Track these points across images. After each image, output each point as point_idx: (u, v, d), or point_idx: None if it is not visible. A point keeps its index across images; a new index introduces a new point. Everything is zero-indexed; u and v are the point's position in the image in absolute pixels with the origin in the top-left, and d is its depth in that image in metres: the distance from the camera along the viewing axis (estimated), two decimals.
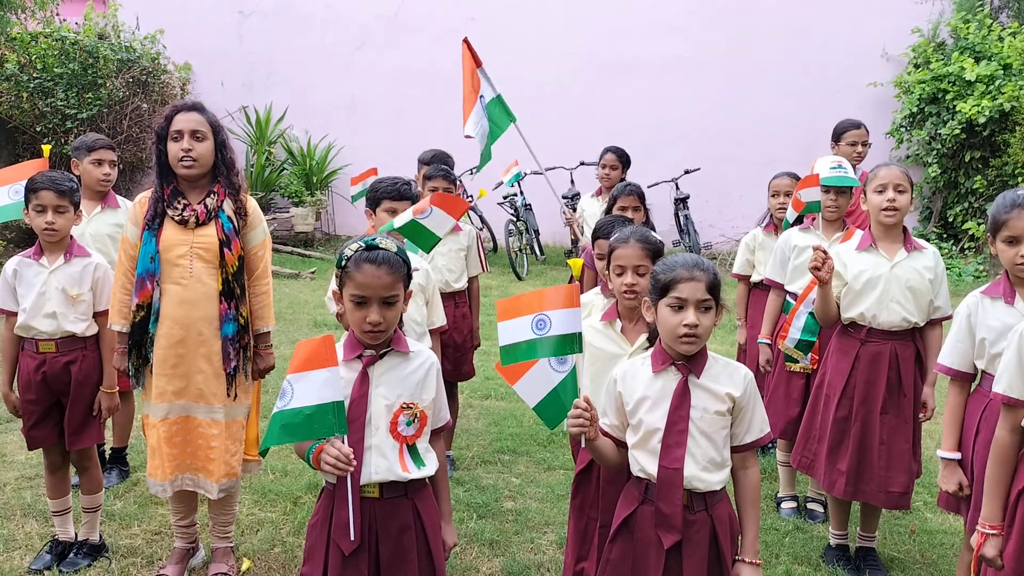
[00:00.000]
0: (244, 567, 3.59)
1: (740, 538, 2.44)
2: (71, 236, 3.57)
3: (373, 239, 2.41)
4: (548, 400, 2.60)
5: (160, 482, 3.33)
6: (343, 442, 2.30)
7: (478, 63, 5.05)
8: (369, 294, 2.33)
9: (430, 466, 2.45)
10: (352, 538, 2.33)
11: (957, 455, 2.90)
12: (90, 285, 3.54)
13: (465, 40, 5.11)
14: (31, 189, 3.45)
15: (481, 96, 5.00)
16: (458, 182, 4.62)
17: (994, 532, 2.48)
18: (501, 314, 2.53)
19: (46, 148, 3.94)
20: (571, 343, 2.45)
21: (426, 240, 3.44)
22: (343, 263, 2.39)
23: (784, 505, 4.30)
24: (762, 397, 2.57)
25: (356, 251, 2.38)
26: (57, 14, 10.62)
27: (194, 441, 3.33)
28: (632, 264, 2.78)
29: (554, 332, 2.44)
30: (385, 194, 3.65)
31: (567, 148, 10.45)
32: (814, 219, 4.24)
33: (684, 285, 2.31)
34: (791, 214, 4.21)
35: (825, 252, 3.37)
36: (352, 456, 2.27)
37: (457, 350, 4.59)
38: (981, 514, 2.54)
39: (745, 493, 2.43)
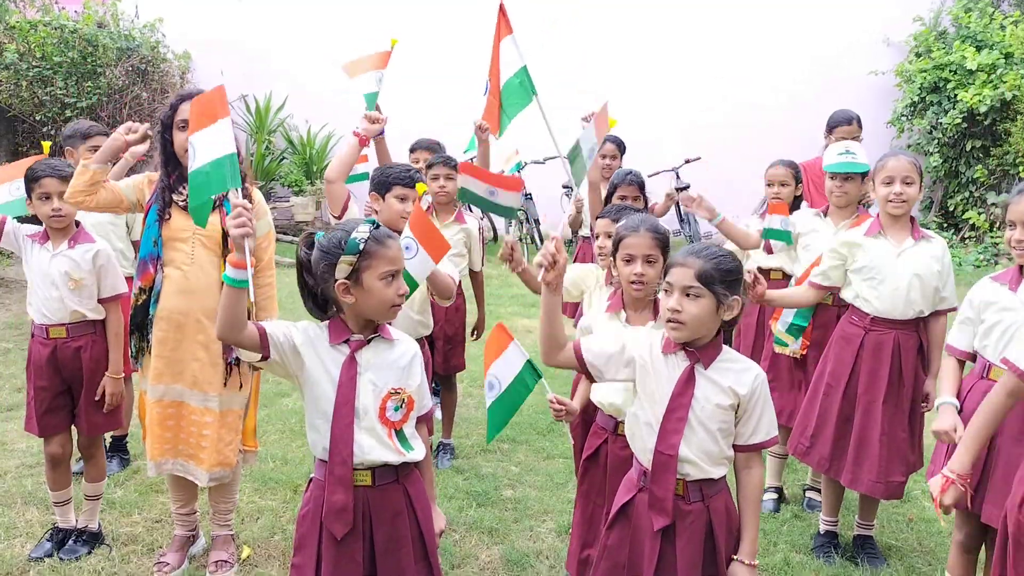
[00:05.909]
0: (244, 555, 3.60)
1: (740, 537, 2.41)
2: (78, 222, 3.58)
3: (372, 220, 2.40)
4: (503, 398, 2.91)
5: (150, 461, 3.37)
6: (237, 196, 2.42)
7: (509, 30, 4.76)
8: (399, 267, 2.39)
9: (418, 450, 2.46)
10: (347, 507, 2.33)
11: (956, 402, 2.95)
12: (92, 270, 3.55)
13: (501, 7, 4.83)
14: (32, 179, 3.46)
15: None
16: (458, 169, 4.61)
17: (960, 481, 2.45)
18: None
19: (46, 145, 3.90)
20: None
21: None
22: (360, 248, 2.30)
23: (765, 496, 4.15)
24: None
25: (369, 233, 2.32)
26: (56, 2, 10.57)
27: (186, 428, 3.33)
28: (642, 253, 2.76)
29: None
30: (398, 180, 3.62)
31: (562, 138, 10.40)
32: (827, 208, 4.08)
33: (673, 270, 2.33)
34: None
35: (756, 276, 3.30)
36: (249, 206, 2.36)
37: (448, 343, 4.59)
38: (950, 462, 2.49)
39: (747, 493, 2.40)
